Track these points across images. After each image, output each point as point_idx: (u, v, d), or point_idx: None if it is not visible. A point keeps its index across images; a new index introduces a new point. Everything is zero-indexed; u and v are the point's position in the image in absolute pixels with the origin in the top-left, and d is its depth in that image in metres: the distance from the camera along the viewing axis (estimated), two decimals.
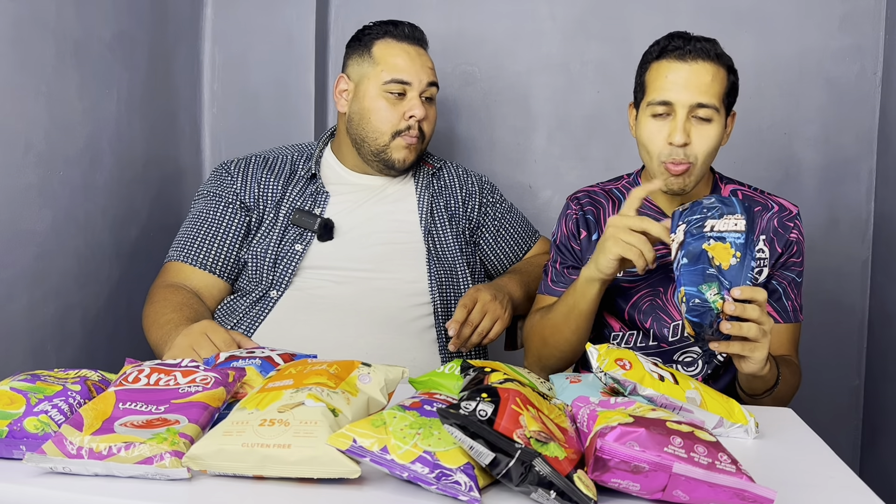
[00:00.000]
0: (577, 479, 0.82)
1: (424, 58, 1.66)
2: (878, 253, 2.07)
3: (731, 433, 1.08)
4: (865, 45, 2.06)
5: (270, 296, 1.58)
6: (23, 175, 1.50)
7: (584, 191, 1.59)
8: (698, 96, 1.35)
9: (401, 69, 1.62)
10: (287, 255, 1.60)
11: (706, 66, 1.37)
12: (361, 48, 1.66)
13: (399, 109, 1.61)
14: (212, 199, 1.66)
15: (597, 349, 1.09)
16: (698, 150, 1.37)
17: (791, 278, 1.47)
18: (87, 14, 1.65)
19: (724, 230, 1.11)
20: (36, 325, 1.55)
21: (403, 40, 1.65)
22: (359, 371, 1.01)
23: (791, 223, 1.47)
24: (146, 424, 0.92)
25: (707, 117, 1.36)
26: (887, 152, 2.03)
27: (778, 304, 1.47)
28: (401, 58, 1.63)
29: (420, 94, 1.63)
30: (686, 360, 1.48)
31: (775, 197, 1.51)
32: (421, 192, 1.72)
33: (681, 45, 1.38)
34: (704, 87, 1.36)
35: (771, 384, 1.31)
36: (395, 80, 1.61)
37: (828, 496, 0.92)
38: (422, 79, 1.63)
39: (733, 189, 1.51)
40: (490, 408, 0.85)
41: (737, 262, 1.08)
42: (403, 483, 0.86)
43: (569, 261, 1.57)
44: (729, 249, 1.07)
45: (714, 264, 1.08)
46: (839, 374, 2.12)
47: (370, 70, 1.64)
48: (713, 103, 1.36)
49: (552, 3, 2.17)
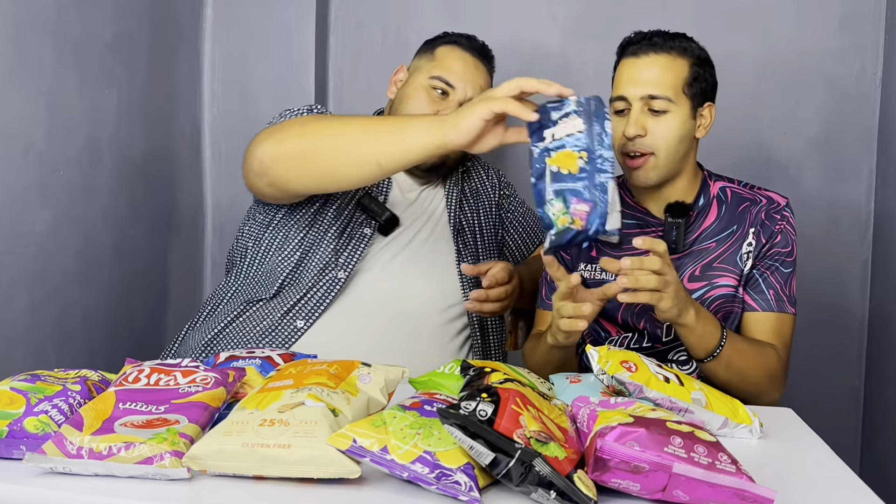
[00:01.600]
0: (577, 479, 0.82)
1: (481, 73, 1.65)
2: (878, 253, 2.07)
3: (736, 434, 1.08)
4: (865, 45, 2.06)
5: (338, 277, 1.50)
6: (23, 175, 1.50)
7: None
8: (649, 88, 1.39)
9: (452, 71, 1.61)
10: (356, 236, 1.54)
11: (657, 58, 1.40)
12: (429, 48, 1.67)
13: (435, 107, 1.59)
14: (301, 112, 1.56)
15: (597, 351, 1.09)
16: (657, 141, 1.39)
17: (774, 267, 1.45)
18: (86, 14, 1.65)
19: (562, 136, 1.08)
20: (36, 325, 1.55)
21: (468, 50, 1.65)
22: (359, 371, 1.01)
23: (777, 215, 1.47)
24: (146, 424, 0.92)
25: (661, 109, 1.39)
26: (887, 152, 2.03)
27: (755, 292, 1.45)
28: (458, 63, 1.62)
29: (461, 102, 1.58)
30: (680, 359, 1.48)
31: (764, 191, 1.51)
32: (449, 189, 1.70)
33: (636, 42, 1.42)
34: (656, 78, 1.39)
35: (710, 345, 1.32)
36: (442, 77, 1.60)
37: (828, 496, 0.92)
38: (467, 91, 1.60)
39: (721, 186, 1.51)
40: (490, 408, 0.85)
41: (585, 163, 1.05)
42: (403, 483, 0.86)
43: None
44: (572, 154, 1.04)
45: (564, 174, 1.06)
46: (839, 374, 2.12)
47: (426, 64, 1.64)
48: (665, 94, 1.38)
49: (552, 3, 2.17)
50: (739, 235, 1.47)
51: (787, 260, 1.47)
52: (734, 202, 1.49)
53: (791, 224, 1.48)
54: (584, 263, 1.53)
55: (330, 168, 1.34)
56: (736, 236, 1.47)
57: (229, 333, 1.52)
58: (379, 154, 1.28)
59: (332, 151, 1.33)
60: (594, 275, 1.51)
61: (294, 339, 1.48)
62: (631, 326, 1.49)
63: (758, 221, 1.47)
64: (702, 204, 1.49)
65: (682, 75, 1.40)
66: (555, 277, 1.29)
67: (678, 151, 1.42)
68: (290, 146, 1.36)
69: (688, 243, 1.47)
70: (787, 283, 1.47)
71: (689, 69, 1.41)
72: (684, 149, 1.43)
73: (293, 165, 1.36)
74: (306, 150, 1.35)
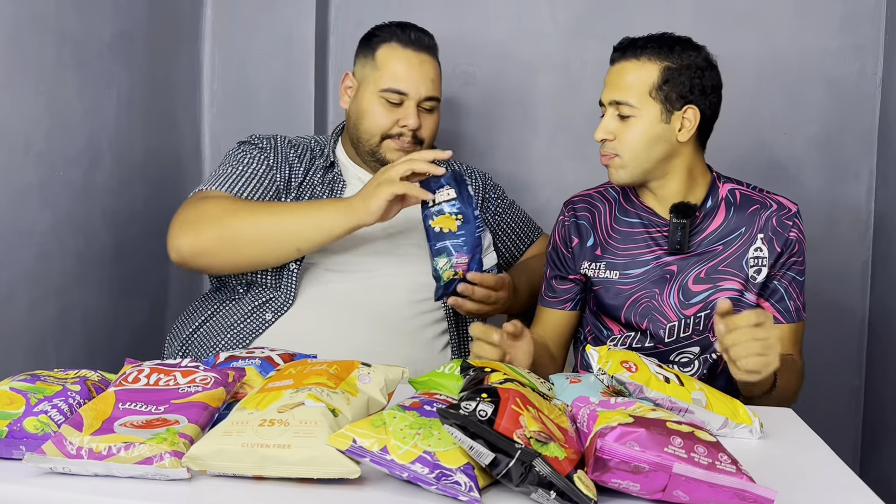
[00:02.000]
0: (577, 479, 0.82)
1: (427, 67, 1.63)
2: (878, 253, 2.07)
3: (737, 434, 1.08)
4: (865, 45, 2.06)
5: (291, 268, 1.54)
6: (23, 175, 1.50)
7: (581, 195, 1.60)
8: (614, 94, 1.43)
9: (399, 78, 1.60)
10: None
11: (626, 64, 1.43)
12: (368, 49, 1.65)
13: (394, 116, 1.60)
14: (251, 153, 1.60)
15: (597, 351, 1.09)
16: (621, 144, 1.42)
17: (792, 277, 1.47)
18: (86, 14, 1.65)
19: (441, 201, 1.35)
20: (36, 325, 1.55)
21: (408, 46, 1.62)
22: (359, 371, 1.01)
23: (790, 221, 1.47)
24: (146, 424, 0.92)
25: (625, 114, 1.41)
26: (887, 152, 2.03)
27: (780, 305, 1.47)
28: (402, 66, 1.61)
29: (418, 103, 1.60)
30: (682, 360, 1.48)
31: (774, 195, 1.50)
32: None
33: (617, 49, 1.46)
34: (622, 84, 1.42)
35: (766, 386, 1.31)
36: (391, 89, 1.59)
37: (828, 496, 0.92)
38: (420, 91, 1.60)
39: (730, 188, 1.50)
40: (490, 408, 0.85)
41: (461, 223, 1.31)
42: (403, 483, 0.86)
43: (557, 271, 1.57)
44: (449, 217, 1.30)
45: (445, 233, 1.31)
46: (839, 374, 2.12)
47: (371, 73, 1.63)
48: (627, 100, 1.41)
49: (552, 4, 2.16)
50: (747, 238, 1.46)
51: (801, 269, 1.49)
52: (743, 205, 1.49)
53: (802, 232, 1.48)
54: (587, 262, 1.53)
55: (251, 256, 1.46)
56: (743, 239, 1.46)
57: (205, 331, 1.58)
58: (298, 241, 1.44)
59: (251, 242, 1.45)
60: (598, 274, 1.52)
61: (261, 330, 1.53)
62: (634, 326, 1.49)
63: (768, 227, 1.46)
64: (710, 206, 1.49)
65: (649, 80, 1.41)
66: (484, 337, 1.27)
67: (649, 154, 1.42)
68: (208, 241, 1.45)
69: (694, 244, 1.47)
70: (802, 292, 1.49)
71: (658, 73, 1.41)
72: (659, 152, 1.43)
73: (213, 258, 1.47)
74: (224, 243, 1.45)
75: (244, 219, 1.46)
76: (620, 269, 1.50)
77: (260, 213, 1.47)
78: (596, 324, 1.56)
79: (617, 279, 1.50)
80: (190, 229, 1.47)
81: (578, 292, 1.57)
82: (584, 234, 1.54)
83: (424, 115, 1.62)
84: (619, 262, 1.50)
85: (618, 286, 1.50)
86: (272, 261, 1.49)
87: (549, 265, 1.59)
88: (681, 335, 1.47)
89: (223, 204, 1.49)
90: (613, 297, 1.50)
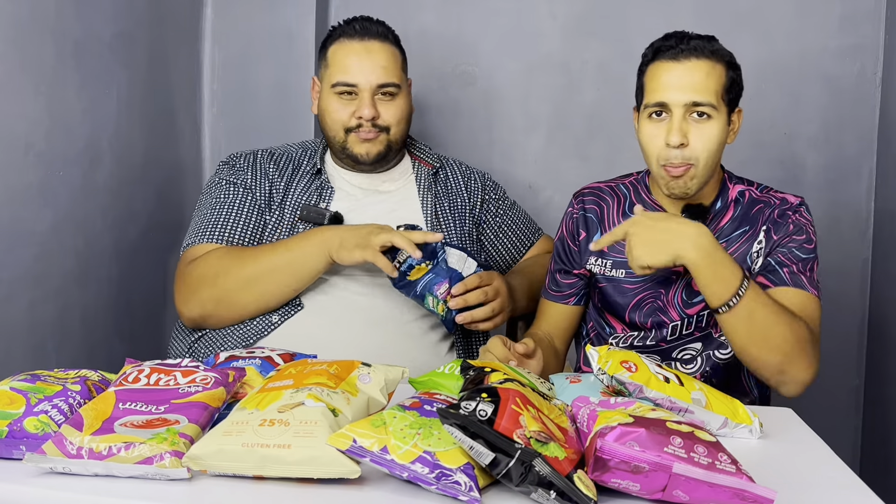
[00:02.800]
0: (577, 479, 0.82)
1: (377, 55, 1.62)
2: (878, 252, 2.07)
3: (736, 434, 1.08)
4: (865, 45, 2.06)
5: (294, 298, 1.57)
6: (23, 175, 1.50)
7: (591, 187, 1.59)
8: (693, 95, 1.35)
9: (347, 71, 1.60)
10: None
11: (700, 63, 1.36)
12: (323, 51, 1.68)
13: (349, 109, 1.61)
14: (227, 187, 1.63)
15: (597, 351, 1.09)
16: (698, 151, 1.36)
17: (787, 249, 1.41)
18: (86, 14, 1.65)
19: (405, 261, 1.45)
20: (36, 325, 1.55)
21: (353, 38, 1.62)
22: (359, 371, 1.01)
23: (791, 212, 1.44)
24: (146, 424, 0.92)
25: (704, 116, 1.36)
26: (887, 152, 2.03)
27: (768, 273, 1.41)
28: (349, 59, 1.61)
29: (372, 93, 1.60)
30: (685, 357, 1.47)
31: (779, 193, 1.49)
32: (424, 195, 1.70)
33: (674, 45, 1.37)
34: (699, 85, 1.35)
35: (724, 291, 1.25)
36: (340, 82, 1.60)
37: (828, 496, 0.92)
38: (370, 80, 1.60)
39: (740, 190, 1.49)
40: (490, 408, 0.85)
41: (431, 267, 1.46)
42: (403, 483, 0.86)
43: (562, 265, 1.57)
44: (418, 268, 1.45)
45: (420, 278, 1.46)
46: (839, 374, 2.12)
47: (325, 72, 1.65)
48: (709, 101, 1.35)
49: (552, 3, 2.16)
50: (751, 235, 1.45)
51: (804, 246, 1.42)
52: (749, 204, 1.48)
53: (806, 217, 1.45)
54: (593, 258, 1.52)
55: (253, 304, 1.53)
56: (747, 236, 1.45)
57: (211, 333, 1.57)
58: (292, 284, 1.52)
59: (250, 296, 1.52)
60: (604, 271, 1.51)
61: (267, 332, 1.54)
62: (638, 325, 1.49)
63: (770, 221, 1.45)
64: (719, 206, 1.47)
65: (722, 81, 1.37)
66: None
67: (717, 160, 1.40)
68: (210, 305, 1.53)
69: None
70: (805, 266, 1.41)
71: (726, 75, 1.38)
72: (720, 156, 1.41)
73: (221, 317, 1.54)
74: (224, 304, 1.52)
75: (236, 276, 1.50)
76: (627, 268, 1.49)
77: (249, 264, 1.51)
78: (599, 321, 1.56)
79: (623, 278, 1.49)
80: (192, 297, 1.53)
81: (583, 287, 1.56)
82: (592, 228, 1.53)
83: (384, 103, 1.62)
84: (625, 260, 1.49)
85: (624, 285, 1.49)
86: (275, 304, 1.54)
87: (555, 258, 1.58)
88: (683, 332, 1.46)
89: (212, 263, 1.53)
90: (619, 295, 1.50)
